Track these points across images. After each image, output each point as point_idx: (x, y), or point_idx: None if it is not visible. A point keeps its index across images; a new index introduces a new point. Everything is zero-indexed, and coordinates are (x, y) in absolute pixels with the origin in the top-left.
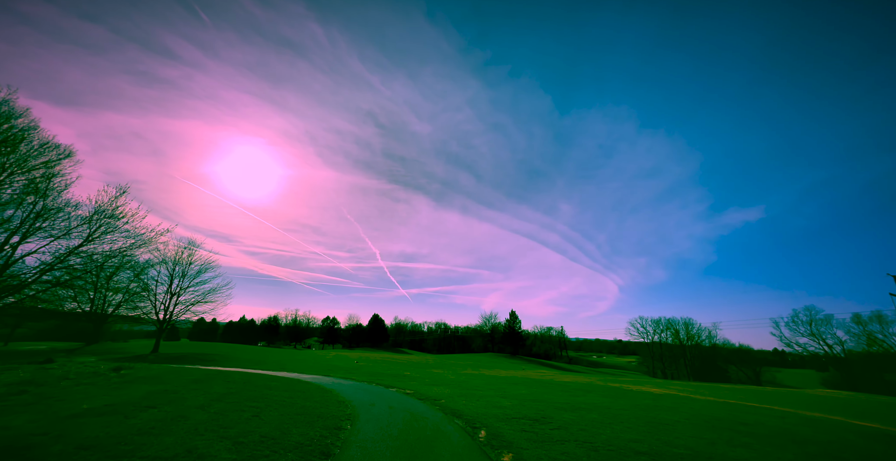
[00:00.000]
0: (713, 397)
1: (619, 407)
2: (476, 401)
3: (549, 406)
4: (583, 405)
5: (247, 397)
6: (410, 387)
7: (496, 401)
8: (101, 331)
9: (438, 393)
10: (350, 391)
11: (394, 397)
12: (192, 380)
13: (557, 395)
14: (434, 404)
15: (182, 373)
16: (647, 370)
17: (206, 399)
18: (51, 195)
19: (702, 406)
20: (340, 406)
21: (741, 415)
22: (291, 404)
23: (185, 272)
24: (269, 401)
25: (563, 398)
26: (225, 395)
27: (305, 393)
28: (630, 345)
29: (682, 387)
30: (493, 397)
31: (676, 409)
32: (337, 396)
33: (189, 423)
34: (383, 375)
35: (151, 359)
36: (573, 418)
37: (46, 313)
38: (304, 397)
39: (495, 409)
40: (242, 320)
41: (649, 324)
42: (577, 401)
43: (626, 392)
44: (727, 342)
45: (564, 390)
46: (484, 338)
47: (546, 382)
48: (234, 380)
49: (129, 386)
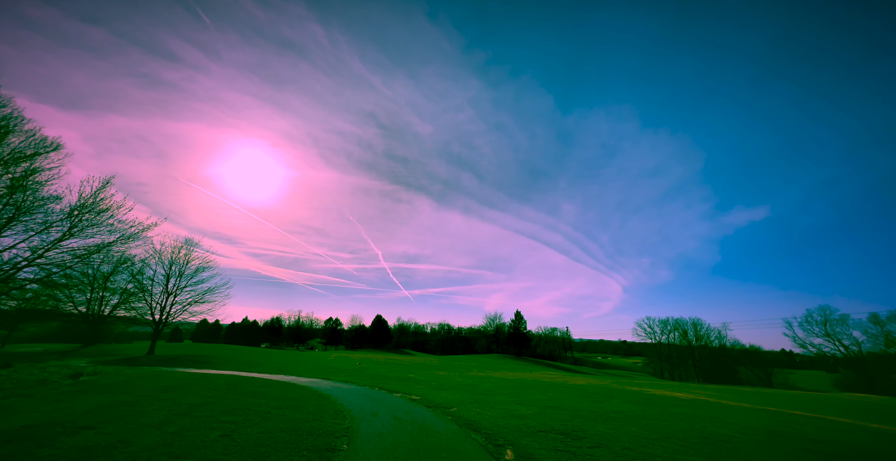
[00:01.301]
0: (745, 403)
1: (653, 416)
2: (491, 409)
3: (575, 415)
4: (611, 414)
5: (223, 409)
6: (416, 392)
7: (513, 409)
8: (104, 333)
9: (448, 399)
10: (350, 397)
11: (399, 405)
12: (163, 388)
13: (578, 401)
14: (445, 413)
15: (156, 379)
16: (654, 371)
17: (169, 413)
18: (36, 189)
19: (747, 415)
20: (337, 417)
21: (799, 427)
22: (277, 417)
23: (182, 271)
24: (250, 414)
25: (586, 405)
26: (196, 407)
27: (298, 401)
28: (635, 346)
29: (701, 390)
30: (508, 404)
31: (722, 420)
32: (334, 404)
33: (127, 452)
34: (387, 378)
35: (143, 361)
36: (609, 432)
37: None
38: (294, 407)
39: (515, 419)
40: (245, 322)
41: (656, 324)
42: (602, 408)
43: (649, 397)
44: (737, 343)
45: (583, 395)
46: (488, 338)
47: (559, 385)
48: (216, 386)
49: (77, 397)
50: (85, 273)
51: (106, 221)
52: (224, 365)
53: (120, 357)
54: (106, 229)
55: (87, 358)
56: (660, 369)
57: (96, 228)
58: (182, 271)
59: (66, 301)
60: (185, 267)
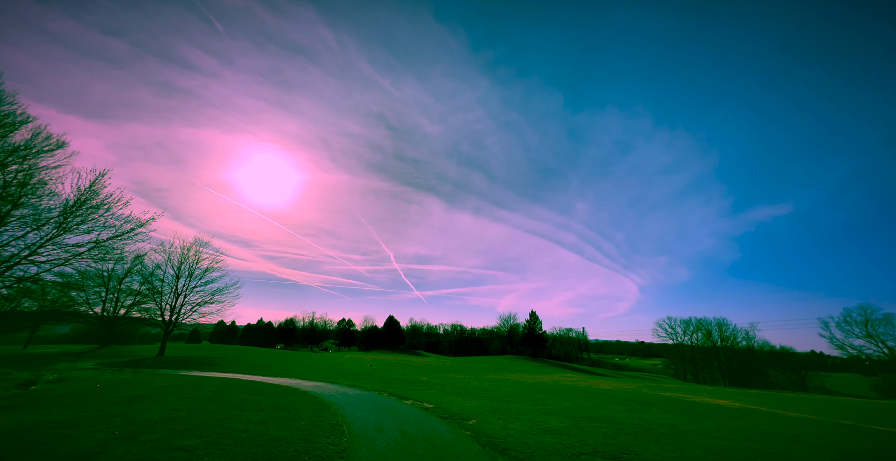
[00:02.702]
0: (808, 414)
1: (711, 432)
2: (516, 421)
3: (616, 429)
4: (659, 428)
5: (188, 428)
6: (429, 399)
7: (542, 421)
8: (126, 335)
9: (465, 407)
10: (354, 406)
11: (409, 415)
12: (125, 400)
13: (612, 411)
14: (463, 426)
15: (129, 387)
16: (675, 373)
17: (107, 437)
18: (38, 186)
19: (828, 432)
20: (333, 434)
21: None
22: (256, 437)
23: (192, 271)
24: (221, 435)
25: (622, 414)
26: (152, 426)
27: (291, 412)
28: (653, 347)
29: (741, 395)
30: (534, 413)
31: (803, 440)
32: (333, 416)
33: None
34: (397, 382)
35: (148, 363)
36: (669, 456)
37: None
38: (284, 421)
39: (547, 436)
40: (260, 323)
41: (678, 324)
42: (644, 420)
43: (691, 405)
44: (766, 344)
45: (615, 402)
46: (502, 339)
47: (584, 390)
48: (197, 394)
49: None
50: (99, 274)
51: (101, 217)
52: (230, 367)
53: (129, 358)
54: (100, 224)
55: (98, 359)
56: (682, 371)
57: (90, 224)
58: (192, 271)
59: (81, 302)
60: (195, 267)
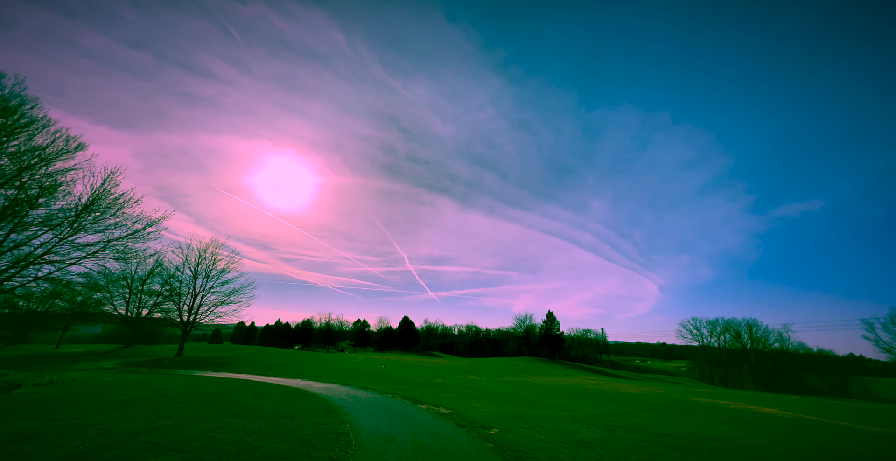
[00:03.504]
0: (873, 426)
1: (773, 447)
2: (542, 430)
3: (658, 441)
4: (709, 441)
5: (173, 439)
6: (446, 403)
7: (571, 430)
8: (153, 335)
9: (484, 413)
10: (364, 411)
11: (424, 422)
12: (108, 406)
13: (647, 418)
14: (484, 436)
15: (123, 389)
16: (702, 376)
17: (67, 454)
18: (55, 187)
19: None
20: (337, 446)
21: None
22: (247, 451)
23: (209, 272)
24: (205, 450)
25: (660, 424)
26: (125, 439)
27: (294, 419)
28: (676, 349)
29: (784, 402)
30: (561, 421)
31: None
32: (341, 423)
33: None
34: (412, 384)
35: (165, 363)
36: None
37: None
38: (283, 430)
39: (581, 449)
40: (278, 324)
41: (704, 325)
42: (688, 430)
43: (736, 413)
44: (802, 346)
45: (647, 409)
46: (518, 340)
47: (610, 394)
48: (194, 400)
49: None
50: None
51: (112, 215)
52: (243, 367)
53: (148, 358)
54: (112, 223)
55: (120, 359)
56: (709, 374)
57: (102, 223)
58: (209, 272)
59: (106, 303)
60: (212, 268)
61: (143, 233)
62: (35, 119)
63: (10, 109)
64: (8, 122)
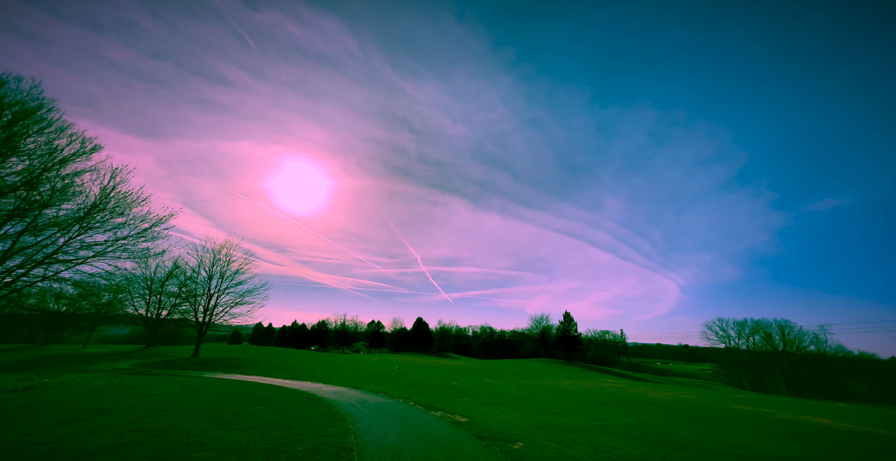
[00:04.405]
0: None
1: None
2: (573, 444)
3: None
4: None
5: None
6: (462, 409)
7: (606, 444)
8: (176, 335)
9: (505, 422)
10: (373, 419)
11: (438, 433)
12: (84, 415)
13: (689, 429)
14: (506, 452)
15: (105, 396)
16: (729, 380)
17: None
18: (66, 188)
19: None
20: None
21: None
22: None
23: (224, 273)
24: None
25: (707, 437)
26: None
27: (290, 431)
28: (699, 351)
29: (835, 410)
30: (592, 432)
31: None
32: (344, 435)
33: None
34: (426, 387)
35: (178, 364)
36: None
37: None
38: (275, 446)
39: None
40: (294, 325)
41: (731, 326)
42: (742, 446)
43: (789, 425)
44: (841, 349)
45: (684, 417)
46: (533, 342)
47: (639, 400)
48: (186, 405)
49: None
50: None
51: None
52: (255, 369)
53: (164, 359)
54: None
55: (138, 359)
56: (737, 378)
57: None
58: (223, 273)
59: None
60: (227, 268)
61: (151, 232)
62: (52, 121)
63: (28, 111)
64: (27, 124)
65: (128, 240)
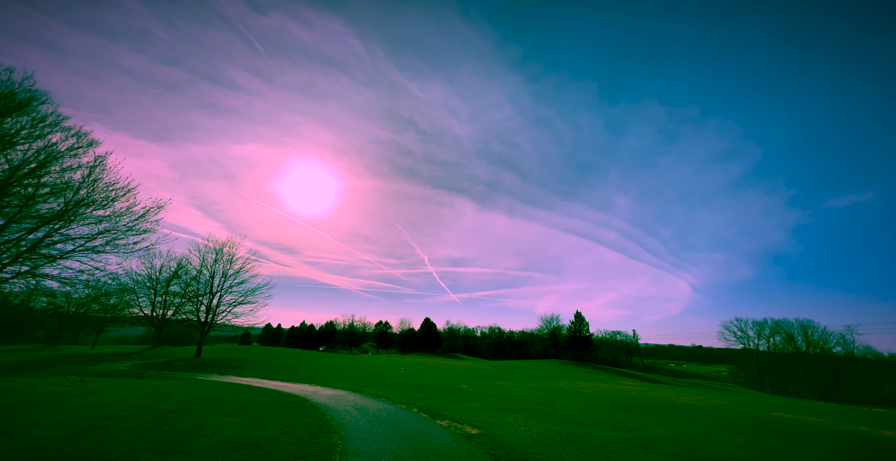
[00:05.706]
0: None
1: None
2: None
3: None
4: None
5: None
6: (472, 418)
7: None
8: (187, 335)
9: (522, 433)
10: (367, 432)
11: (442, 450)
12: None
13: (739, 445)
14: None
15: (41, 406)
16: (747, 382)
17: None
18: (61, 179)
19: None
20: None
21: None
22: None
23: (227, 271)
24: None
25: (768, 456)
26: None
27: (259, 451)
28: (714, 352)
29: (885, 419)
30: (625, 447)
31: None
32: (326, 455)
33: None
34: (432, 390)
35: (176, 365)
36: None
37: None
38: None
39: None
40: (303, 326)
41: (750, 326)
42: None
43: (855, 439)
44: (870, 350)
45: (725, 427)
46: (543, 342)
47: (667, 406)
48: (140, 416)
49: None
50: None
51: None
52: (254, 371)
53: (164, 359)
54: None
55: (140, 360)
56: (757, 380)
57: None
58: (226, 271)
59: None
60: (229, 267)
61: (139, 224)
62: (45, 114)
63: (21, 103)
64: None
65: (114, 234)
